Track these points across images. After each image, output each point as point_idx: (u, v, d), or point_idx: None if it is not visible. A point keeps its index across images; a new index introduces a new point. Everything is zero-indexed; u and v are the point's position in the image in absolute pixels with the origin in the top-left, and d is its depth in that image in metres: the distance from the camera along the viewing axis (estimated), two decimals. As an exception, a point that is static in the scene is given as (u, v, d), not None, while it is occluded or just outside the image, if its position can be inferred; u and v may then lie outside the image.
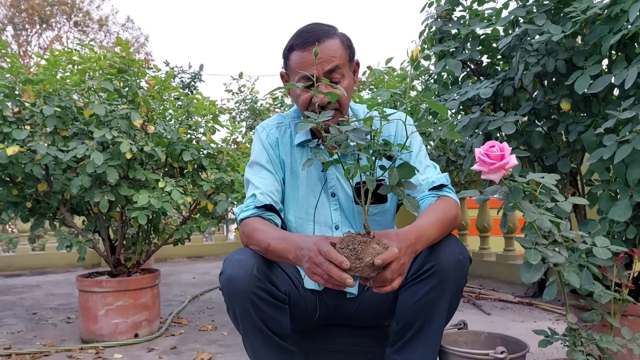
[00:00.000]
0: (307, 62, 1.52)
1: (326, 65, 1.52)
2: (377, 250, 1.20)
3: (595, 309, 1.59)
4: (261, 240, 1.44)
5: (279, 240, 1.41)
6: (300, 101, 1.58)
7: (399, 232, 1.29)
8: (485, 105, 2.38)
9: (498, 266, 4.80)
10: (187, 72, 8.10)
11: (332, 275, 1.19)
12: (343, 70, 1.56)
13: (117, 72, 2.84)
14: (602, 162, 1.79)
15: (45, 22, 19.79)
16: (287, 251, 1.36)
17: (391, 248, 1.20)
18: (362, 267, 1.18)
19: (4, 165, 2.61)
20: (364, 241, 1.21)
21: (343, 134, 1.18)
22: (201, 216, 3.27)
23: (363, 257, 1.18)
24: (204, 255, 7.49)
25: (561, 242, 1.40)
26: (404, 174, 1.21)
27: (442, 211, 1.47)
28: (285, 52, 1.61)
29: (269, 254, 1.44)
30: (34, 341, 2.91)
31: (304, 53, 1.53)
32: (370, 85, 5.18)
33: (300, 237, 1.39)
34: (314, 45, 1.49)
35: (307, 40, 1.53)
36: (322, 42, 1.52)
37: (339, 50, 1.55)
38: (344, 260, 1.18)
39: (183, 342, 2.86)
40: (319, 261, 1.22)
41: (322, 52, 1.51)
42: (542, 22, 2.03)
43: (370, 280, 1.22)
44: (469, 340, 1.83)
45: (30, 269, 6.14)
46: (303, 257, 1.29)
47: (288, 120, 1.77)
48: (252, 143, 1.77)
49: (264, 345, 1.48)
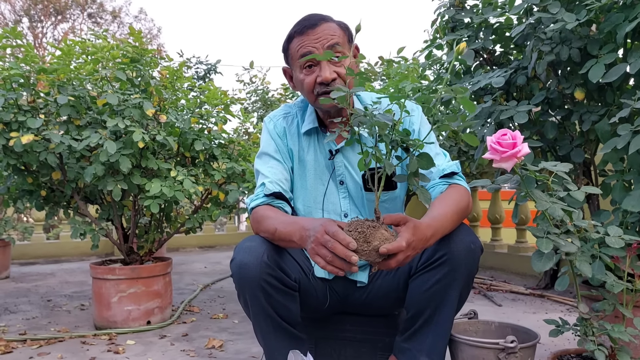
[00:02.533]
0: (306, 43, 1.55)
1: (325, 42, 1.54)
2: (385, 237, 1.19)
3: (608, 299, 1.57)
4: (269, 226, 1.46)
5: (286, 224, 1.42)
6: (305, 85, 1.58)
7: (417, 226, 1.26)
8: (497, 95, 2.36)
9: (509, 258, 4.78)
10: (204, 62, 8.09)
11: (337, 252, 1.17)
12: (343, 49, 1.57)
13: (129, 62, 2.86)
14: (616, 152, 1.77)
15: (60, 14, 19.91)
16: (292, 233, 1.37)
17: (400, 239, 1.19)
18: (369, 251, 1.18)
19: (19, 154, 2.64)
20: (373, 226, 1.20)
21: (368, 116, 1.17)
22: (213, 205, 3.29)
23: (371, 240, 1.18)
24: (215, 245, 7.54)
25: (573, 231, 1.39)
26: (423, 164, 1.20)
27: (456, 201, 1.46)
28: (285, 44, 1.64)
29: (276, 239, 1.45)
30: (49, 327, 2.95)
31: (303, 37, 1.56)
32: (382, 76, 5.15)
33: (307, 220, 1.40)
34: (311, 29, 1.54)
35: (304, 25, 1.56)
36: (320, 25, 1.56)
37: (337, 30, 1.58)
38: (351, 241, 1.17)
39: (195, 329, 2.89)
40: (324, 240, 1.21)
41: (321, 32, 1.55)
42: (556, 10, 2.00)
43: (376, 265, 1.22)
44: (479, 329, 1.83)
45: (44, 257, 6.22)
46: (308, 237, 1.28)
47: (295, 109, 1.78)
48: (261, 134, 1.78)
49: (274, 332, 1.49)
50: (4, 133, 2.54)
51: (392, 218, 1.26)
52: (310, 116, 1.71)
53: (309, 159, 1.70)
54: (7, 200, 3.17)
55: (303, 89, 1.62)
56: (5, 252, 4.92)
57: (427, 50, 2.75)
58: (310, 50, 1.53)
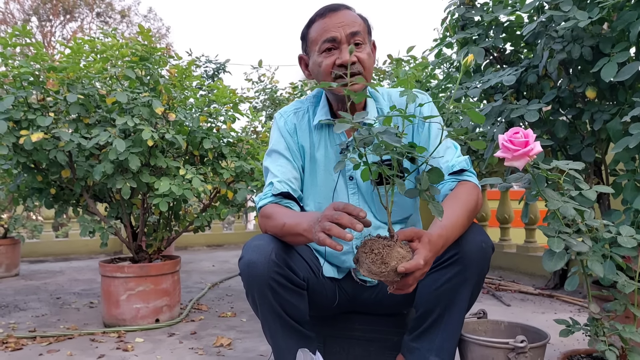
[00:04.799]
0: (329, 26, 1.55)
1: (348, 28, 1.54)
2: (401, 254, 1.17)
3: (619, 299, 1.56)
4: (278, 221, 1.46)
5: (294, 216, 1.43)
6: (323, 67, 1.56)
7: (431, 240, 1.26)
8: (508, 93, 2.34)
9: (518, 258, 4.75)
10: (213, 61, 8.09)
11: (344, 222, 1.17)
12: (364, 37, 1.57)
13: (139, 60, 2.86)
14: (627, 151, 1.75)
15: (68, 13, 20.02)
16: (299, 223, 1.37)
17: (417, 257, 1.18)
18: (387, 272, 1.15)
19: (29, 152, 2.65)
20: (388, 245, 1.18)
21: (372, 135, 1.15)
22: (221, 204, 3.29)
23: (389, 261, 1.15)
24: (223, 244, 7.55)
25: (585, 231, 1.38)
26: (434, 178, 1.18)
27: (465, 203, 1.44)
28: (305, 29, 1.63)
29: (285, 233, 1.44)
30: (58, 324, 2.97)
31: (326, 19, 1.56)
32: (390, 74, 5.14)
33: (315, 212, 1.42)
34: (334, 12, 1.55)
35: (327, 8, 1.57)
36: (342, 10, 1.57)
37: (358, 19, 1.59)
38: (361, 210, 1.18)
39: (203, 327, 2.90)
40: (331, 214, 1.20)
41: (343, 17, 1.55)
42: (568, 8, 1.99)
43: (393, 285, 1.20)
44: (488, 329, 1.82)
45: (54, 255, 6.26)
46: (317, 220, 1.26)
47: (307, 104, 1.76)
48: (271, 131, 1.77)
49: (282, 330, 1.49)
50: (14, 131, 2.55)
51: (405, 234, 1.23)
52: (323, 109, 1.69)
53: (319, 155, 1.69)
54: (17, 198, 3.19)
55: (320, 73, 1.59)
56: (15, 249, 4.96)
57: (437, 49, 2.74)
58: (332, 35, 1.53)
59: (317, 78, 1.64)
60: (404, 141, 1.13)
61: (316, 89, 1.81)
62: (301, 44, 1.66)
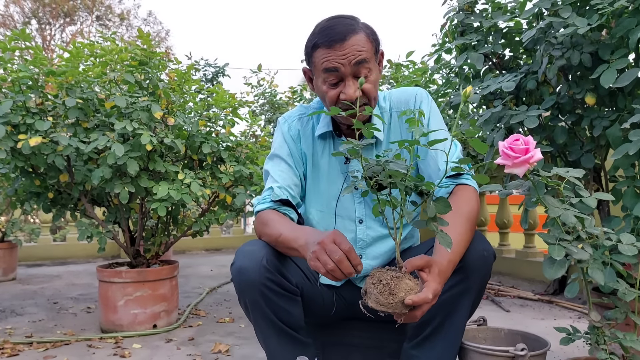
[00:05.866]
0: (332, 58, 1.47)
1: (353, 58, 1.46)
2: (409, 286, 1.16)
3: (619, 307, 1.55)
4: (274, 229, 1.44)
5: (290, 231, 1.41)
6: (327, 98, 1.52)
7: (441, 271, 1.24)
8: (507, 99, 2.34)
9: (517, 263, 4.75)
10: (212, 65, 8.08)
11: (343, 268, 1.17)
12: (370, 64, 1.50)
13: (138, 65, 2.86)
14: (627, 157, 1.75)
15: (68, 16, 20.03)
16: (295, 239, 1.36)
17: (426, 291, 1.17)
18: (395, 304, 1.14)
19: (27, 156, 2.64)
20: (396, 276, 1.17)
21: (380, 165, 1.14)
22: (220, 209, 3.28)
23: (396, 292, 1.14)
24: (221, 248, 7.54)
25: (585, 238, 1.37)
26: (440, 209, 1.15)
27: (468, 214, 1.42)
28: (309, 49, 1.54)
29: (279, 244, 1.43)
30: (55, 330, 2.95)
31: (330, 51, 1.47)
32: (390, 80, 5.14)
33: (314, 231, 1.39)
34: (339, 43, 1.45)
35: (332, 39, 1.46)
36: (348, 39, 1.46)
37: (365, 44, 1.49)
38: (360, 264, 1.18)
39: (201, 333, 2.88)
40: (331, 249, 1.20)
41: (348, 47, 1.46)
42: (567, 15, 1.98)
43: (402, 316, 1.19)
44: (488, 336, 1.81)
45: (51, 259, 6.24)
46: (313, 242, 1.26)
47: (311, 110, 1.73)
48: (274, 134, 1.75)
49: (275, 336, 1.47)
50: (13, 135, 2.55)
51: (414, 264, 1.21)
52: (326, 119, 1.67)
53: (323, 163, 1.67)
54: (14, 202, 3.18)
55: (324, 101, 1.56)
56: (12, 254, 4.94)
57: (436, 55, 2.74)
58: (336, 67, 1.46)
59: (321, 100, 1.61)
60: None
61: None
62: (305, 58, 1.60)
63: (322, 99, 1.60)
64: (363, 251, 1.67)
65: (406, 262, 1.22)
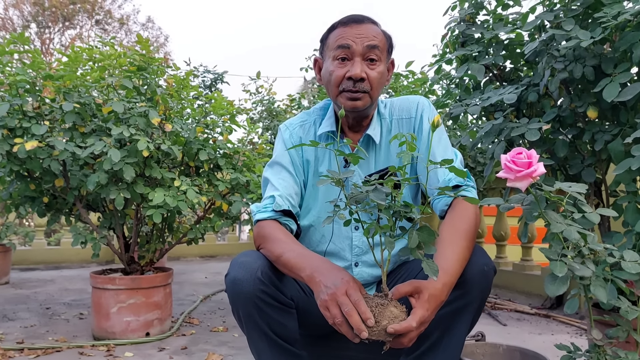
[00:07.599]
0: (347, 35, 1.52)
1: (366, 40, 1.51)
2: (394, 314, 1.14)
3: (621, 325, 1.53)
4: (276, 249, 1.41)
5: (295, 254, 1.37)
6: (333, 77, 1.54)
7: (432, 295, 1.20)
8: (508, 111, 2.32)
9: (515, 276, 4.72)
10: (211, 71, 8.06)
11: (352, 322, 1.13)
12: (381, 54, 1.54)
13: (136, 70, 2.84)
14: (629, 172, 1.73)
15: (67, 20, 20.04)
16: (302, 268, 1.32)
17: (410, 319, 1.14)
18: (378, 331, 1.13)
19: (23, 160, 2.62)
20: (382, 304, 1.15)
21: (363, 194, 1.13)
22: (216, 216, 3.25)
23: (380, 320, 1.13)
24: (216, 255, 7.50)
25: (587, 254, 1.35)
26: (424, 237, 1.14)
27: (466, 231, 1.39)
28: (326, 33, 1.60)
29: (279, 264, 1.40)
30: (47, 336, 2.91)
31: (346, 28, 1.53)
32: (388, 89, 5.13)
33: (323, 263, 1.33)
34: (357, 23, 1.52)
35: (351, 18, 1.54)
36: (365, 22, 1.54)
37: (380, 34, 1.55)
38: (370, 317, 1.13)
39: (194, 342, 2.84)
40: (342, 301, 1.16)
41: (364, 29, 1.52)
42: (570, 27, 1.97)
43: (387, 344, 1.17)
44: (486, 352, 1.78)
45: (45, 263, 6.19)
46: (325, 288, 1.22)
47: (313, 117, 1.72)
48: (275, 142, 1.74)
49: (269, 349, 1.44)
50: (8, 139, 2.52)
51: (401, 292, 1.19)
52: (329, 120, 1.66)
53: (323, 169, 1.65)
54: (9, 206, 3.15)
55: (330, 82, 1.56)
56: (5, 257, 4.90)
57: (436, 65, 2.73)
58: (349, 44, 1.50)
59: (326, 85, 1.62)
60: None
61: (324, 100, 1.79)
62: (319, 46, 1.65)
63: (327, 84, 1.60)
64: (359, 258, 1.64)
65: (394, 288, 1.20)
